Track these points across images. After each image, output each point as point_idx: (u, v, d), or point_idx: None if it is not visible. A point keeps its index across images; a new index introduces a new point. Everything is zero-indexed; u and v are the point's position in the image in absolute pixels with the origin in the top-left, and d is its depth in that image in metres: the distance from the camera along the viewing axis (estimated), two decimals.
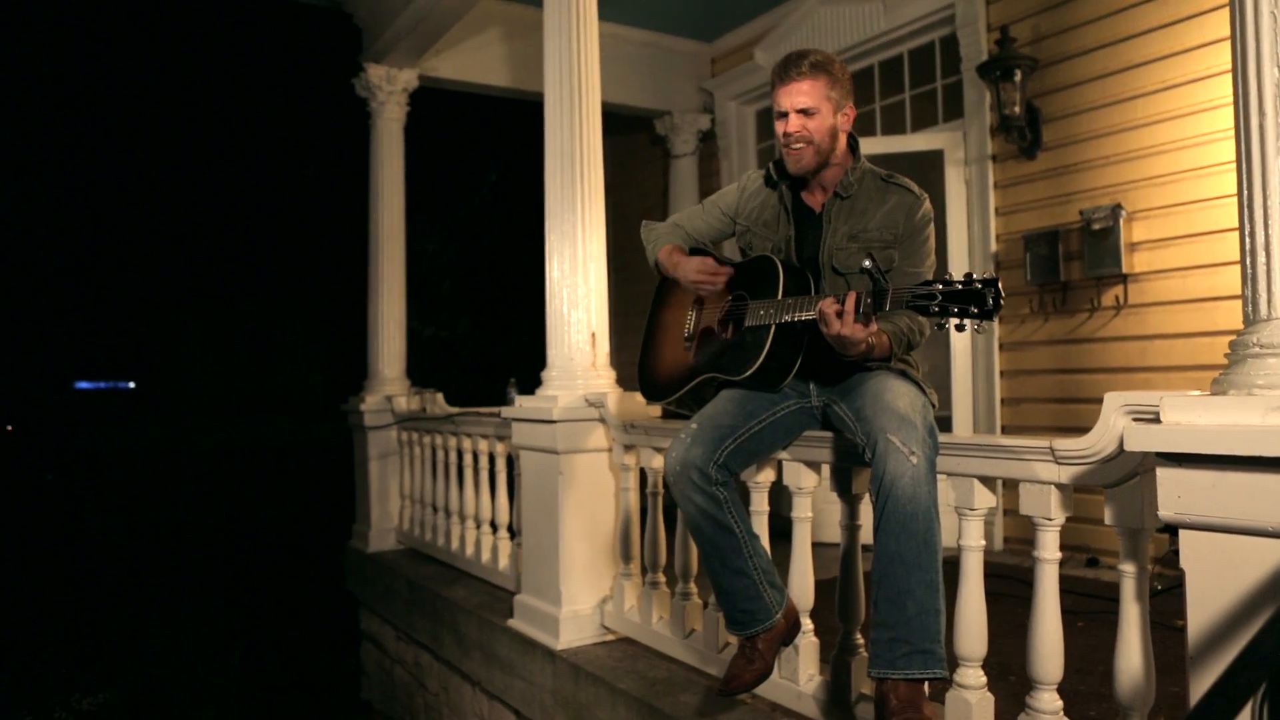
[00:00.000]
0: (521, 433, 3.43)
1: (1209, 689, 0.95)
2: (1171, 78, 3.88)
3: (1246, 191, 1.49)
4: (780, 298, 2.18)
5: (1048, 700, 1.84)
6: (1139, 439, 1.52)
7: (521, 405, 3.40)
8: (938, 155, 4.79)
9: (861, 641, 2.27)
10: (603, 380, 3.28)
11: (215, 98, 19.16)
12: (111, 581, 9.08)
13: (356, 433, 5.48)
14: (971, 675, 1.97)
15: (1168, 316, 3.91)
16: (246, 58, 17.61)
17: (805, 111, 2.20)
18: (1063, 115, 4.30)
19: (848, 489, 2.31)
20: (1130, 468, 1.67)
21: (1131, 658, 1.72)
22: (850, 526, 2.32)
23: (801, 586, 2.41)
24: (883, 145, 4.90)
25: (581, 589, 3.24)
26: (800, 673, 2.39)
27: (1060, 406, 4.33)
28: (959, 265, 4.67)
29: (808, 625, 2.41)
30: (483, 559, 4.22)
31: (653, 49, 6.32)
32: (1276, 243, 1.45)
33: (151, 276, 22.54)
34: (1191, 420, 1.45)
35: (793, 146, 2.22)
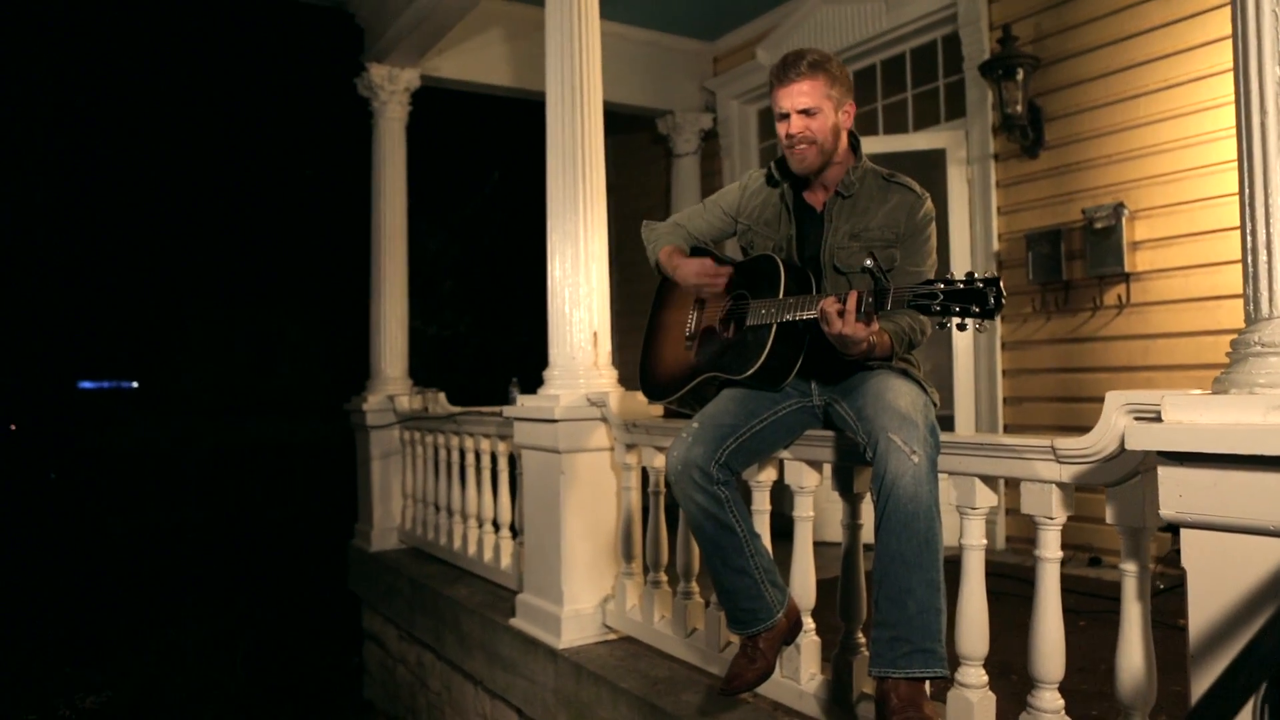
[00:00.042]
0: (523, 432, 3.44)
1: (1209, 688, 0.95)
2: (1173, 76, 3.88)
3: (1248, 190, 1.49)
4: (781, 297, 2.18)
5: (1049, 699, 1.84)
6: (1140, 438, 1.52)
7: (523, 404, 3.40)
8: (940, 154, 4.79)
9: (863, 640, 2.27)
10: (604, 379, 3.28)
11: (217, 97, 19.19)
12: (115, 580, 9.10)
13: (359, 432, 5.49)
14: (973, 674, 1.97)
15: (1170, 315, 3.91)
16: (249, 57, 17.63)
17: (807, 112, 2.20)
18: (1065, 114, 4.30)
19: (849, 488, 2.31)
20: (1131, 467, 1.67)
21: (1133, 657, 1.71)
22: (852, 525, 2.32)
23: (803, 585, 2.41)
24: (885, 144, 4.90)
25: (583, 588, 3.25)
26: (802, 672, 2.39)
27: (1063, 405, 4.33)
28: (961, 264, 4.67)
29: (809, 624, 2.41)
30: (485, 558, 4.22)
31: (654, 48, 6.32)
32: (1278, 241, 1.44)
33: (154, 276, 22.58)
34: (1193, 419, 1.45)
35: (796, 147, 2.22)
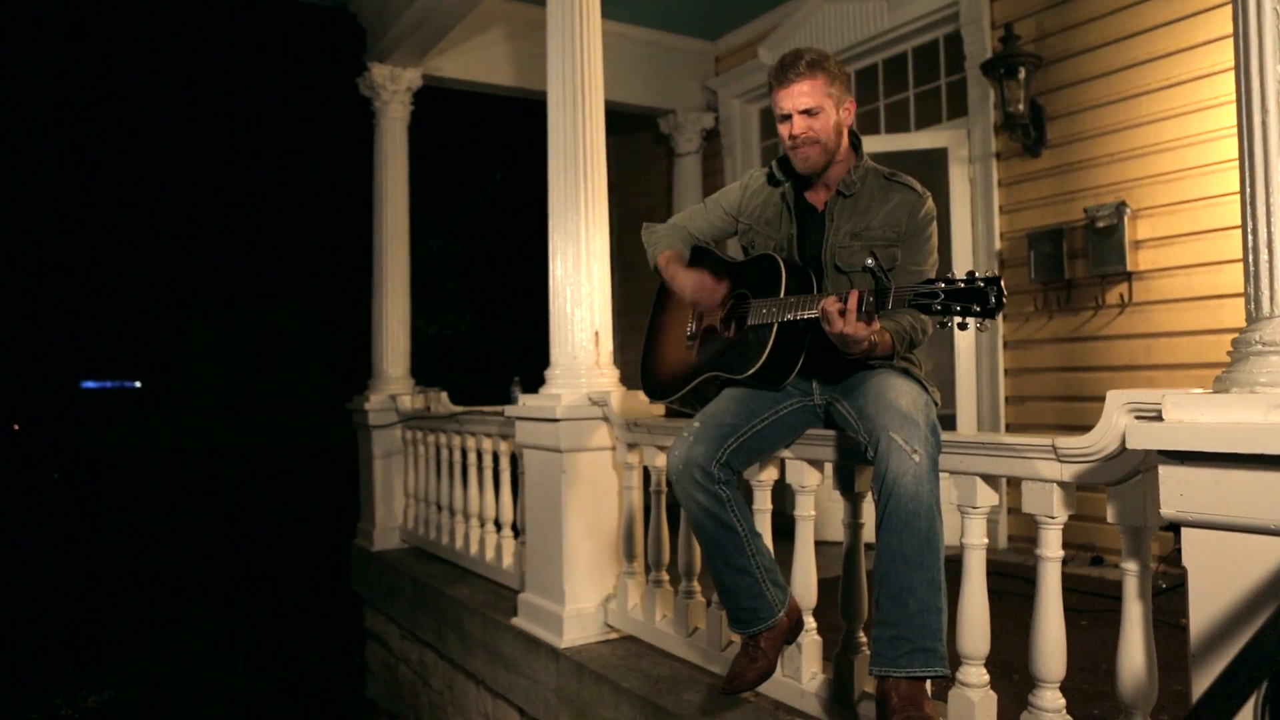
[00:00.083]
0: (525, 431, 3.44)
1: (1209, 687, 0.95)
2: (1176, 75, 3.87)
3: (1249, 188, 1.49)
4: (783, 296, 2.18)
5: (1050, 698, 1.84)
6: (1141, 437, 1.52)
7: (525, 404, 3.40)
8: (942, 153, 4.78)
9: (864, 640, 2.27)
10: (606, 379, 3.28)
11: (220, 97, 19.21)
12: (117, 580, 9.11)
13: (361, 431, 5.49)
14: (974, 673, 1.96)
15: (1172, 314, 3.90)
16: (251, 57, 17.64)
17: (809, 111, 2.20)
18: (1067, 113, 4.29)
19: (850, 487, 2.31)
20: (1132, 466, 1.67)
21: (1134, 656, 1.71)
22: (853, 525, 2.32)
23: (804, 584, 2.41)
24: (887, 143, 4.90)
25: (585, 587, 3.25)
26: (803, 671, 2.39)
27: (1065, 404, 4.32)
28: (963, 263, 4.67)
29: (810, 623, 2.41)
30: (487, 557, 4.22)
31: (656, 47, 6.32)
32: (1279, 240, 1.44)
33: (157, 276, 22.61)
34: (1194, 418, 1.45)
35: (800, 148, 2.22)
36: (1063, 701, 1.84)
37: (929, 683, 1.98)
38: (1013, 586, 3.35)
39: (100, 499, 13.83)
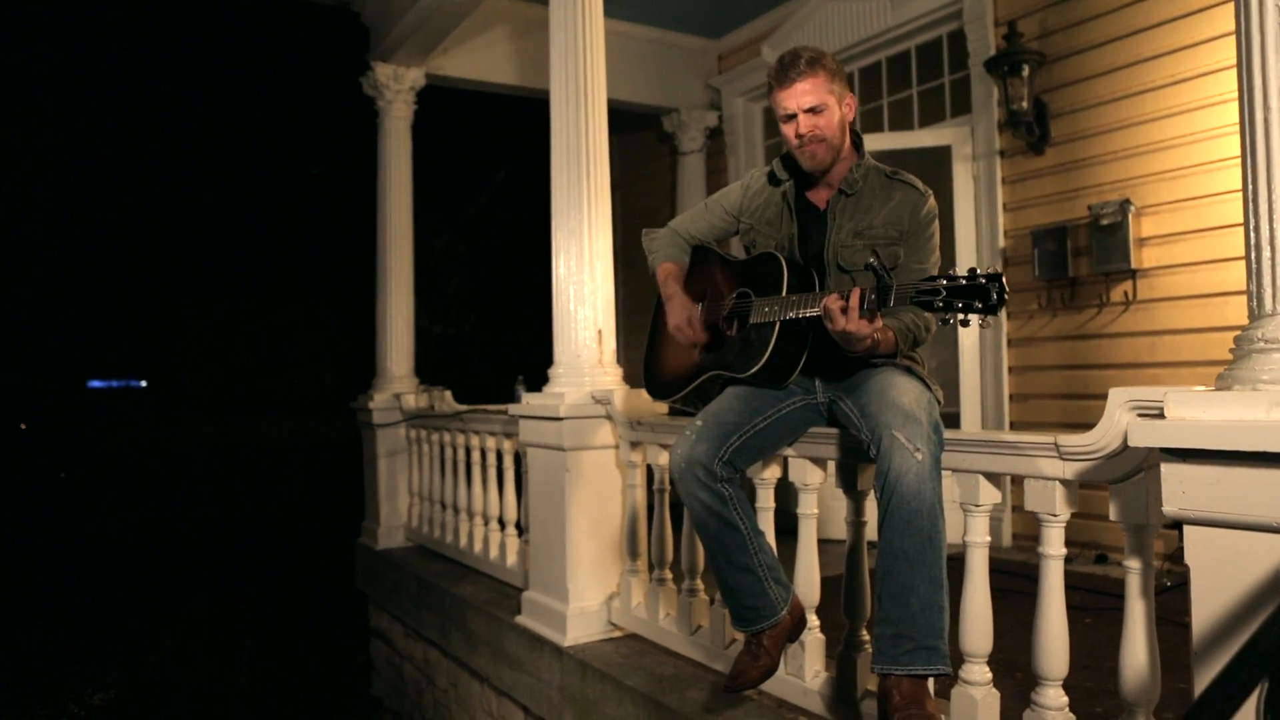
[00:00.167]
0: (528, 430, 3.44)
1: (1209, 684, 0.95)
2: (1180, 72, 3.86)
3: (1251, 186, 1.49)
4: (785, 295, 2.18)
5: (1053, 696, 1.84)
6: (1143, 434, 1.52)
7: (528, 402, 3.41)
8: (945, 151, 4.78)
9: (867, 638, 2.27)
10: (609, 377, 3.28)
11: (224, 96, 19.25)
12: (123, 578, 9.15)
13: (365, 430, 5.51)
14: (977, 671, 1.96)
15: (1177, 312, 3.89)
16: (254, 57, 17.67)
17: (814, 110, 2.20)
18: (1071, 110, 4.28)
19: (853, 485, 2.31)
20: (1135, 463, 1.67)
21: (1137, 654, 1.71)
22: (856, 523, 2.32)
23: (807, 583, 2.41)
24: (890, 141, 4.89)
25: (588, 586, 3.25)
26: (806, 669, 2.39)
27: (1069, 402, 4.32)
28: (967, 261, 4.66)
29: (813, 621, 2.41)
30: (491, 556, 4.23)
31: (659, 46, 6.32)
32: None
33: (163, 276, 22.68)
34: (1195, 416, 1.45)
35: (807, 146, 2.22)
36: (1065, 699, 1.84)
37: (931, 681, 1.98)
38: (1017, 585, 3.35)
39: (106, 498, 13.87)
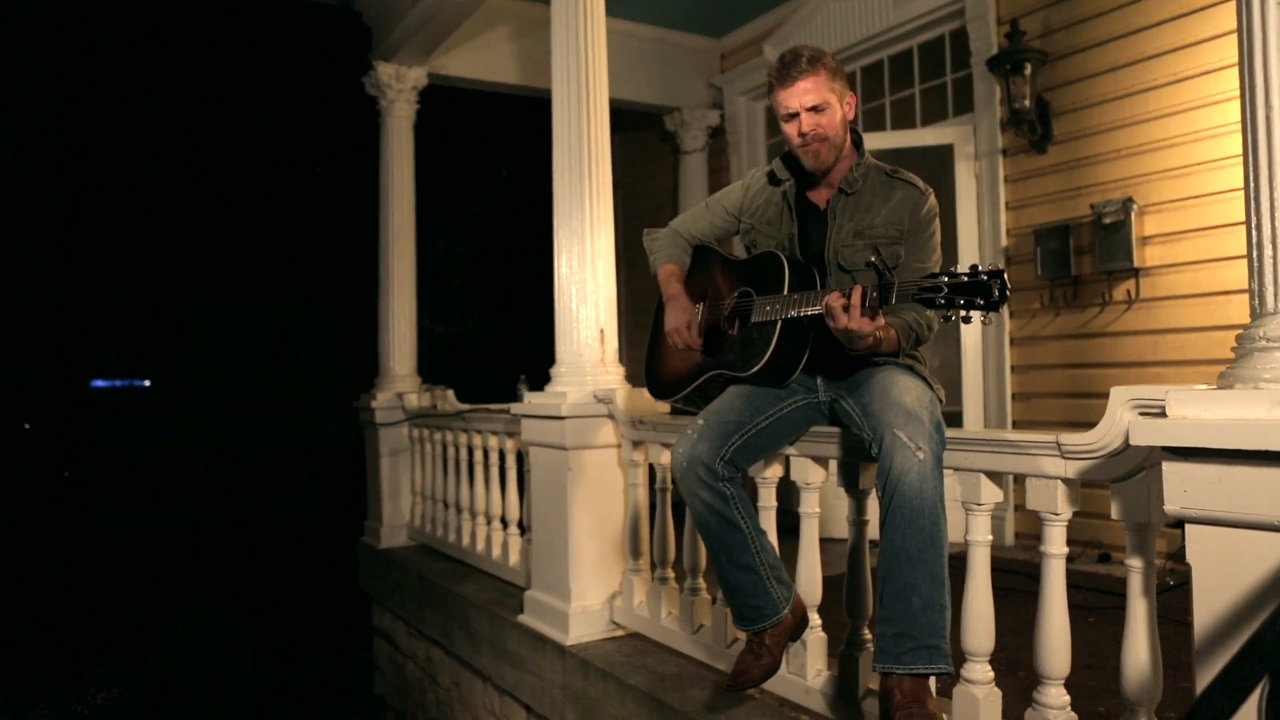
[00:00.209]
0: (531, 429, 3.44)
1: (1210, 682, 0.95)
2: (1183, 70, 3.85)
3: (1253, 184, 1.48)
4: (786, 293, 2.18)
5: (1054, 695, 1.83)
6: (1145, 433, 1.51)
7: (531, 402, 3.41)
8: (948, 150, 4.77)
9: (869, 637, 2.27)
10: (611, 376, 3.29)
11: (226, 96, 19.26)
12: (127, 577, 9.16)
13: (368, 429, 5.51)
14: (978, 670, 1.96)
15: (1180, 311, 3.89)
16: (256, 56, 17.68)
17: (816, 108, 2.20)
18: (1073, 109, 4.28)
19: (855, 484, 2.31)
20: (1136, 462, 1.67)
21: (1138, 653, 1.71)
22: (858, 522, 2.32)
23: (809, 582, 2.41)
24: (893, 140, 4.89)
25: (591, 585, 3.26)
26: (808, 668, 2.39)
27: (1072, 401, 4.31)
28: (969, 260, 4.65)
29: (815, 620, 2.41)
30: (493, 555, 4.24)
31: (661, 45, 6.32)
32: None
33: (165, 275, 22.71)
34: (1197, 414, 1.45)
35: (811, 145, 2.22)
36: (1067, 698, 1.84)
37: (933, 680, 1.98)
38: (1019, 584, 3.34)
39: (110, 497, 13.89)
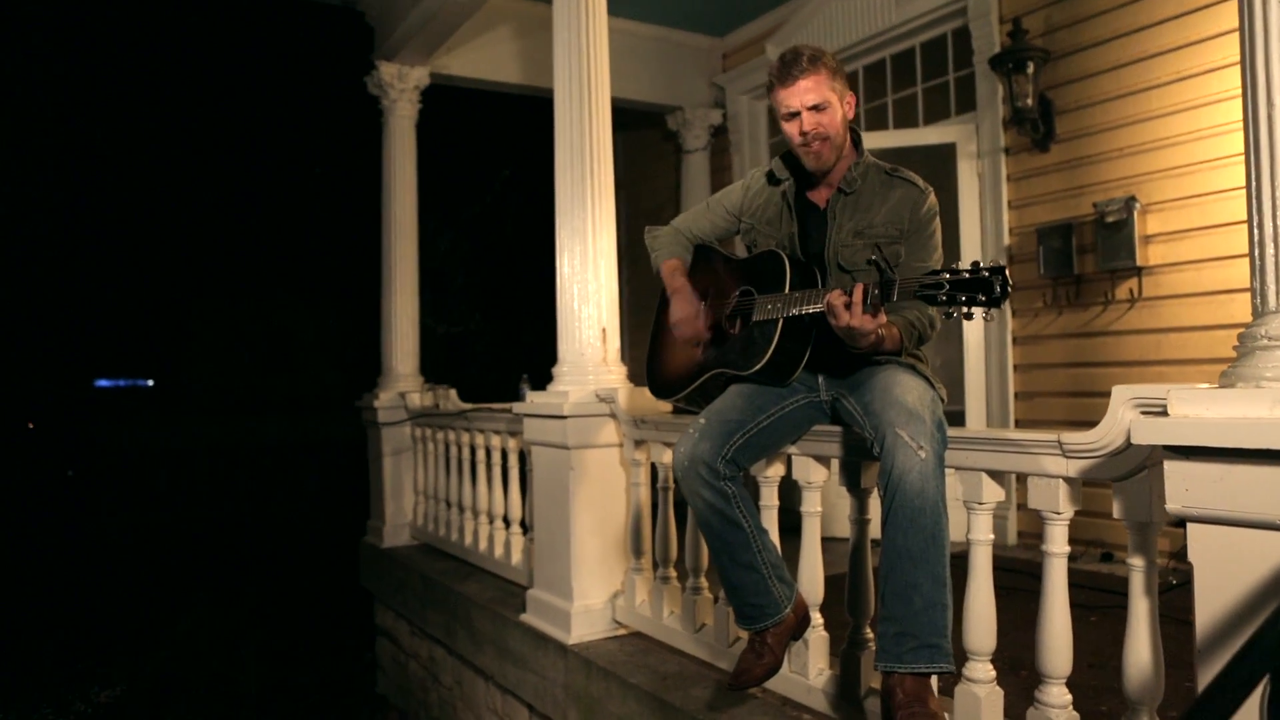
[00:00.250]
0: (533, 428, 3.45)
1: (1211, 681, 0.95)
2: (1186, 68, 3.85)
3: (1255, 182, 1.48)
4: (788, 292, 2.18)
5: (1056, 694, 1.83)
6: (1146, 432, 1.51)
7: (533, 401, 3.41)
8: (950, 148, 4.77)
9: (871, 636, 2.27)
10: (613, 376, 3.29)
11: (228, 96, 19.27)
12: (130, 576, 9.18)
13: (370, 429, 5.52)
14: (980, 669, 1.96)
15: (1182, 309, 3.88)
16: (258, 55, 17.69)
17: (817, 108, 2.20)
18: (1076, 107, 4.27)
19: (857, 483, 2.31)
20: (1138, 461, 1.67)
21: (1140, 652, 1.71)
22: (859, 521, 2.32)
23: (811, 581, 2.41)
24: (895, 139, 4.89)
25: (593, 584, 3.26)
26: (810, 667, 2.39)
27: (1074, 400, 4.31)
28: (972, 258, 4.63)
29: (817, 619, 2.41)
30: (495, 554, 4.24)
31: (663, 44, 6.32)
32: None
33: (169, 275, 22.72)
34: (1199, 413, 1.45)
35: (812, 144, 2.22)
36: (1069, 697, 1.84)
37: (935, 679, 1.98)
38: (1021, 583, 3.34)
39: (113, 496, 13.91)
